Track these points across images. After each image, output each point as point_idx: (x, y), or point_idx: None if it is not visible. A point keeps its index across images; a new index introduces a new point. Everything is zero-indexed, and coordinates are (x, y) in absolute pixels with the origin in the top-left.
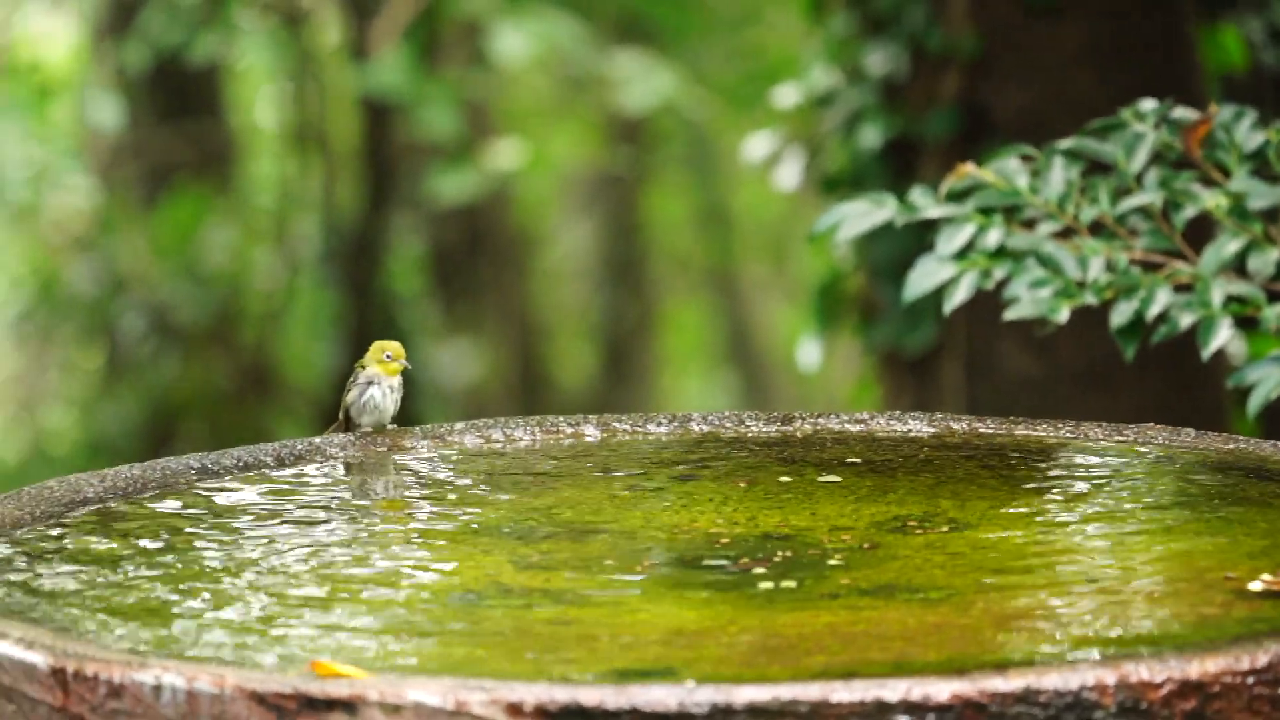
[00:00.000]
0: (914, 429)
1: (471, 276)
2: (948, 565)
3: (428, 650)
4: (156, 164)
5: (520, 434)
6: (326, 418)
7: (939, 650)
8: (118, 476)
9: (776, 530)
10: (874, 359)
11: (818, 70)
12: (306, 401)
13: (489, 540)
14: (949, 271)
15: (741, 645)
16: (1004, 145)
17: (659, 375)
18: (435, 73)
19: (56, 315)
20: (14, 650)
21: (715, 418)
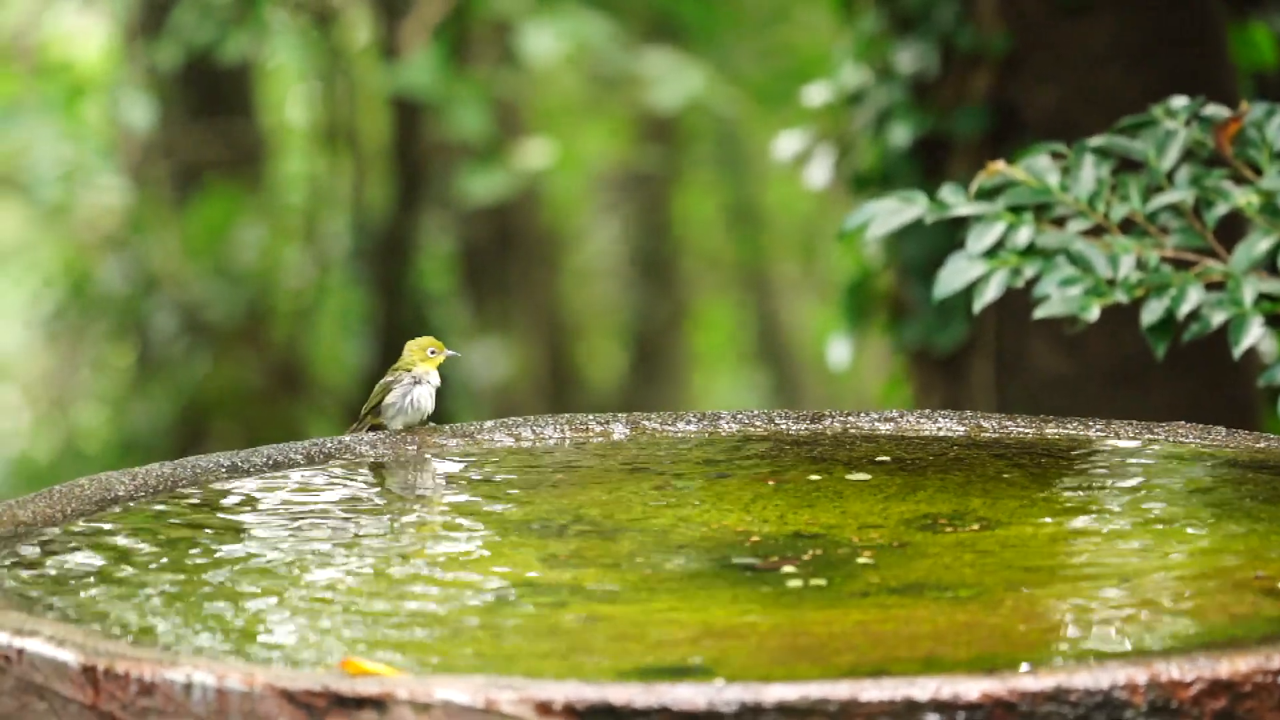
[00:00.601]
0: (944, 427)
1: (501, 275)
2: (977, 564)
3: (457, 648)
4: (187, 163)
5: (549, 432)
6: (355, 416)
7: (969, 649)
8: (149, 475)
9: (806, 528)
10: (904, 357)
11: (848, 68)
12: (336, 400)
13: (518, 538)
14: (979, 269)
15: (770, 644)
16: (1034, 143)
17: (689, 373)
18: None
19: (88, 314)
20: (45, 648)
21: (745, 416)
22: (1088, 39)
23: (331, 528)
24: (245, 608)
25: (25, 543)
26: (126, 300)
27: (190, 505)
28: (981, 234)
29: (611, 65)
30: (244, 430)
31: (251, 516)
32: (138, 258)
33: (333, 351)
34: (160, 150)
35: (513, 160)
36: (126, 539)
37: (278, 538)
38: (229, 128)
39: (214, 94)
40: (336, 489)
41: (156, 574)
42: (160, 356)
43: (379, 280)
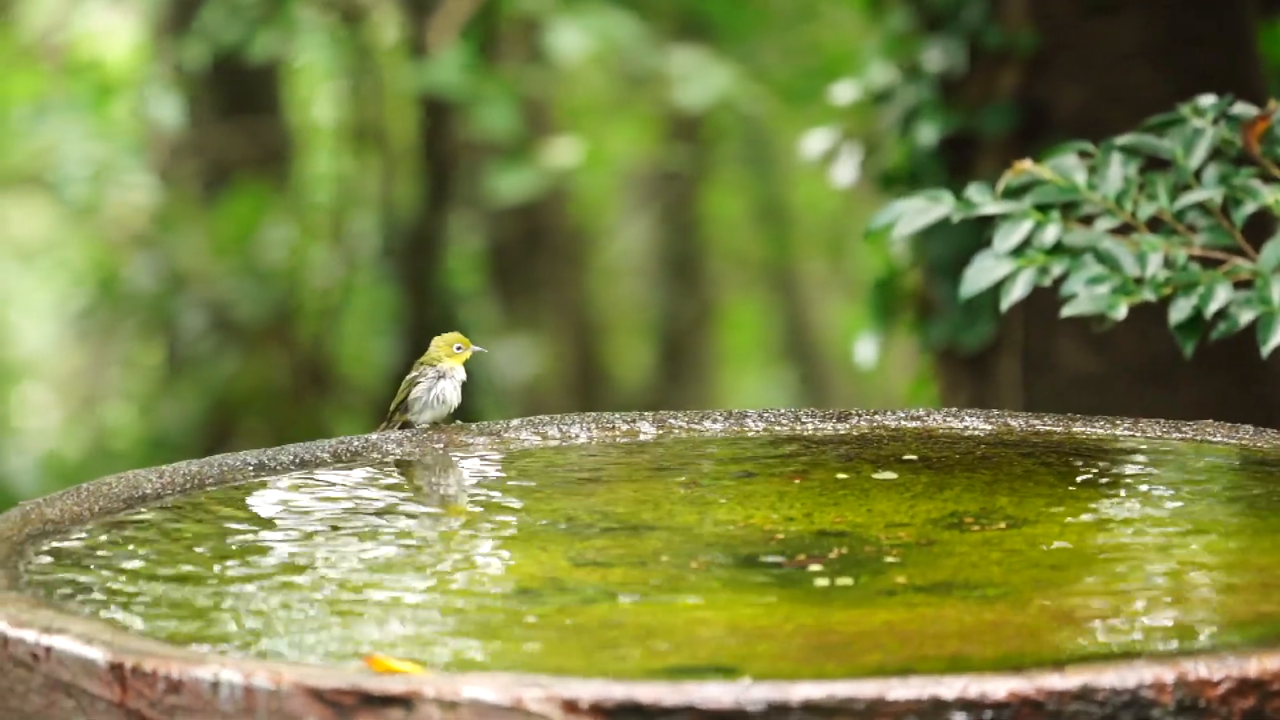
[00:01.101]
0: (971, 426)
1: (529, 273)
2: (1004, 562)
3: (484, 646)
4: (215, 162)
5: (576, 431)
6: (383, 415)
7: (996, 647)
8: (176, 473)
9: (832, 527)
10: (931, 356)
11: (875, 67)
12: (364, 399)
13: (545, 537)
14: (1006, 268)
15: (797, 642)
16: (1062, 141)
17: (716, 372)
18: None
19: (117, 312)
20: (73, 646)
21: (771, 415)
22: (1115, 37)
23: (358, 526)
24: (272, 606)
25: (53, 540)
26: (155, 299)
27: (217, 504)
28: (1008, 232)
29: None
30: (271, 429)
31: (278, 515)
32: (166, 256)
33: (360, 350)
34: (188, 149)
35: (541, 159)
36: (153, 537)
37: (304, 536)
38: (257, 126)
39: (242, 93)
40: (363, 487)
41: (183, 571)
42: (188, 355)
43: (407, 279)
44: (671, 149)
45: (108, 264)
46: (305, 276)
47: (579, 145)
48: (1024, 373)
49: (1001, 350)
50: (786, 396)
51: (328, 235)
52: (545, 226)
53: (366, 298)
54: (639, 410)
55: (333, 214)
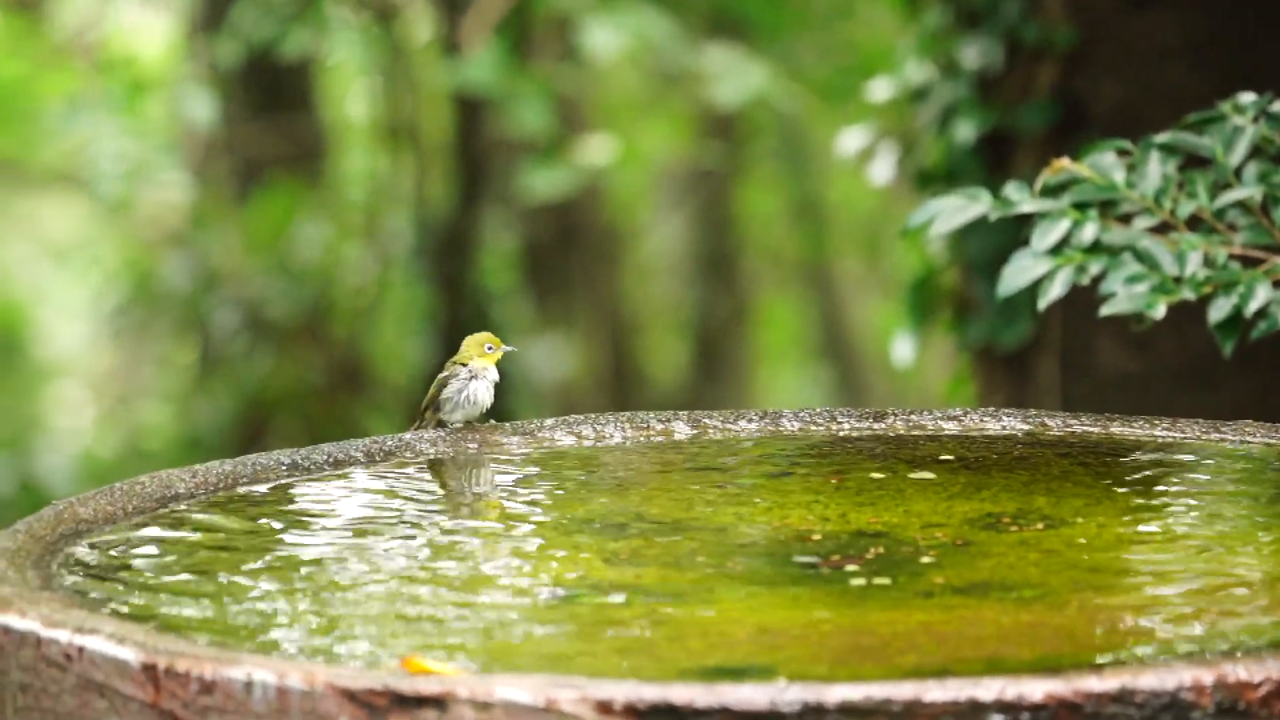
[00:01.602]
0: (1008, 426)
1: (563, 272)
2: (1042, 563)
3: (518, 647)
4: (249, 159)
5: (611, 430)
6: (417, 414)
7: (1033, 649)
8: (209, 472)
9: (869, 527)
10: (968, 355)
11: (912, 64)
12: (398, 398)
13: (579, 537)
14: (1044, 267)
15: (833, 643)
16: (1100, 139)
17: (751, 371)
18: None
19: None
20: (106, 646)
21: (807, 414)
22: (1154, 33)
23: (391, 526)
24: (304, 606)
25: (86, 540)
26: (188, 297)
27: (250, 503)
28: (1046, 231)
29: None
30: (305, 428)
31: (311, 515)
32: (200, 255)
33: (394, 349)
34: (222, 147)
35: (574, 156)
36: (186, 537)
37: (337, 536)
38: (290, 125)
39: (275, 90)
40: (396, 487)
41: (216, 572)
42: (222, 354)
43: (440, 277)
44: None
45: (141, 262)
46: (339, 275)
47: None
48: (1062, 372)
49: (1039, 350)
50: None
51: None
52: (579, 225)
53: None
54: (674, 410)
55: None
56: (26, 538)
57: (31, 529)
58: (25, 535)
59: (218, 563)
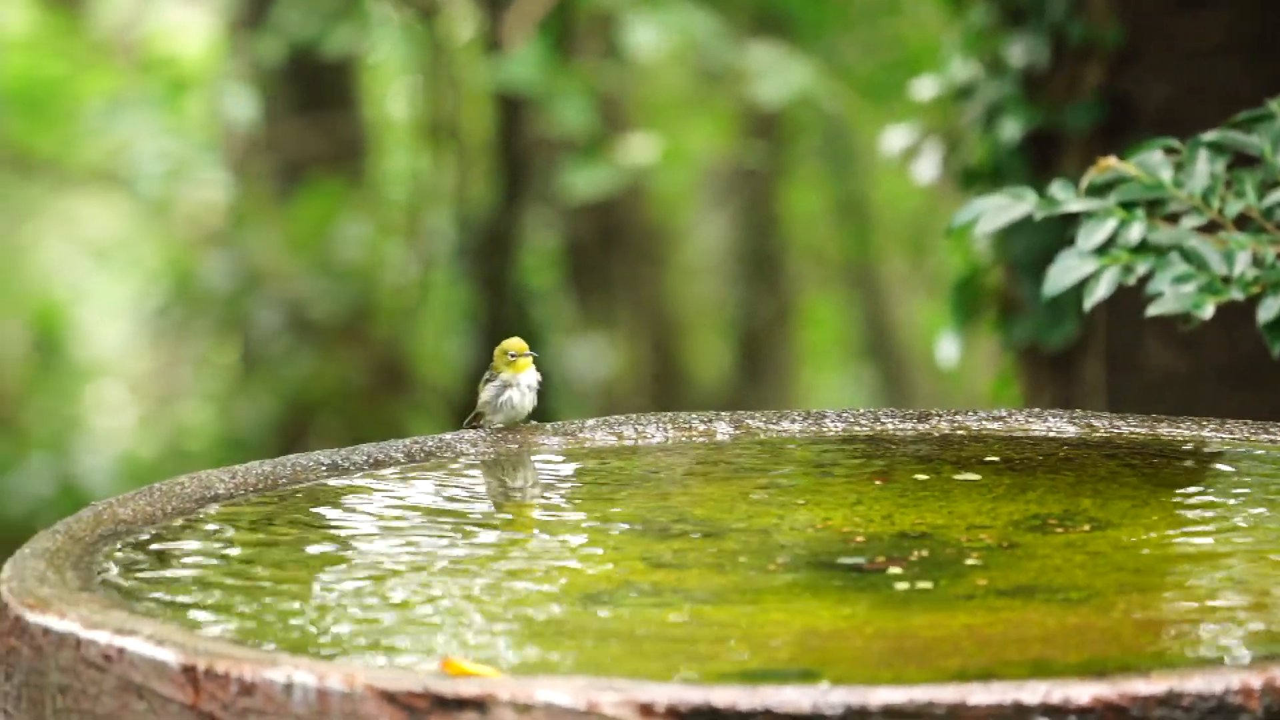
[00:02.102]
0: (1054, 427)
1: (605, 271)
2: (1088, 565)
3: (559, 649)
4: (290, 158)
5: (652, 431)
6: (459, 414)
7: (1079, 652)
8: (248, 473)
9: (912, 529)
10: (1014, 355)
11: (957, 62)
12: (439, 397)
13: (620, 538)
14: (1090, 267)
15: (876, 646)
16: (1147, 137)
17: (795, 371)
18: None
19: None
20: (144, 647)
21: (850, 415)
22: (1203, 31)
23: (431, 527)
24: (344, 607)
25: (125, 541)
26: (229, 297)
27: (290, 504)
28: (1092, 231)
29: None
30: (346, 428)
31: (351, 515)
32: (241, 254)
33: (435, 349)
34: (263, 145)
35: (617, 155)
36: (225, 537)
37: (376, 537)
38: (332, 123)
39: (316, 89)
40: (437, 488)
41: (255, 573)
42: (263, 354)
43: (482, 277)
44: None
45: (182, 262)
46: (380, 274)
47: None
48: (1108, 373)
49: (1085, 350)
50: (866, 396)
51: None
52: (621, 224)
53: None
54: (716, 410)
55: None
56: (66, 538)
57: (71, 530)
58: (65, 536)
59: (257, 564)
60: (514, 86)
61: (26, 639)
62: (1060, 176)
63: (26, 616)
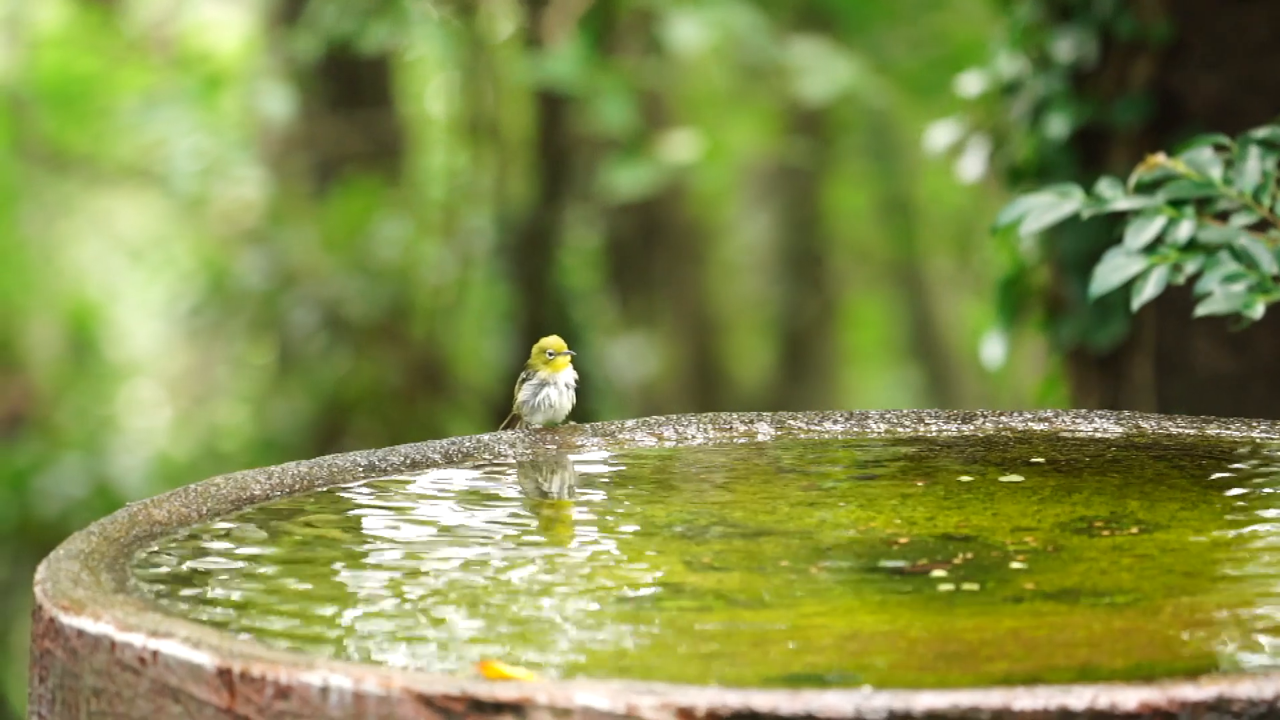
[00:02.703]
0: (1101, 428)
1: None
2: (1135, 568)
3: (597, 653)
4: (327, 155)
5: (693, 431)
6: (497, 414)
7: (1126, 656)
8: (284, 474)
9: (956, 531)
10: (1060, 355)
11: (1003, 57)
12: (477, 398)
13: (660, 540)
14: (1138, 266)
15: (920, 650)
16: (1197, 134)
17: (838, 372)
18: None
19: (227, 309)
20: (180, 650)
21: (894, 416)
22: (1253, 26)
23: (468, 529)
24: (381, 610)
25: (160, 542)
26: (265, 296)
27: (326, 505)
28: (1140, 229)
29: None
30: (384, 429)
31: (388, 517)
32: (276, 253)
33: (474, 349)
34: (299, 143)
35: (658, 153)
36: (261, 539)
37: (414, 539)
38: (369, 120)
39: (353, 85)
40: (474, 489)
41: (291, 575)
42: (299, 354)
43: (521, 276)
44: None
45: (217, 261)
46: (418, 273)
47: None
48: (1157, 373)
49: (1133, 350)
50: (911, 397)
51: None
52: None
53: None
54: (758, 411)
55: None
56: (100, 540)
57: (105, 531)
58: (99, 537)
59: (293, 565)
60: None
61: (61, 641)
62: (1108, 174)
63: (61, 619)
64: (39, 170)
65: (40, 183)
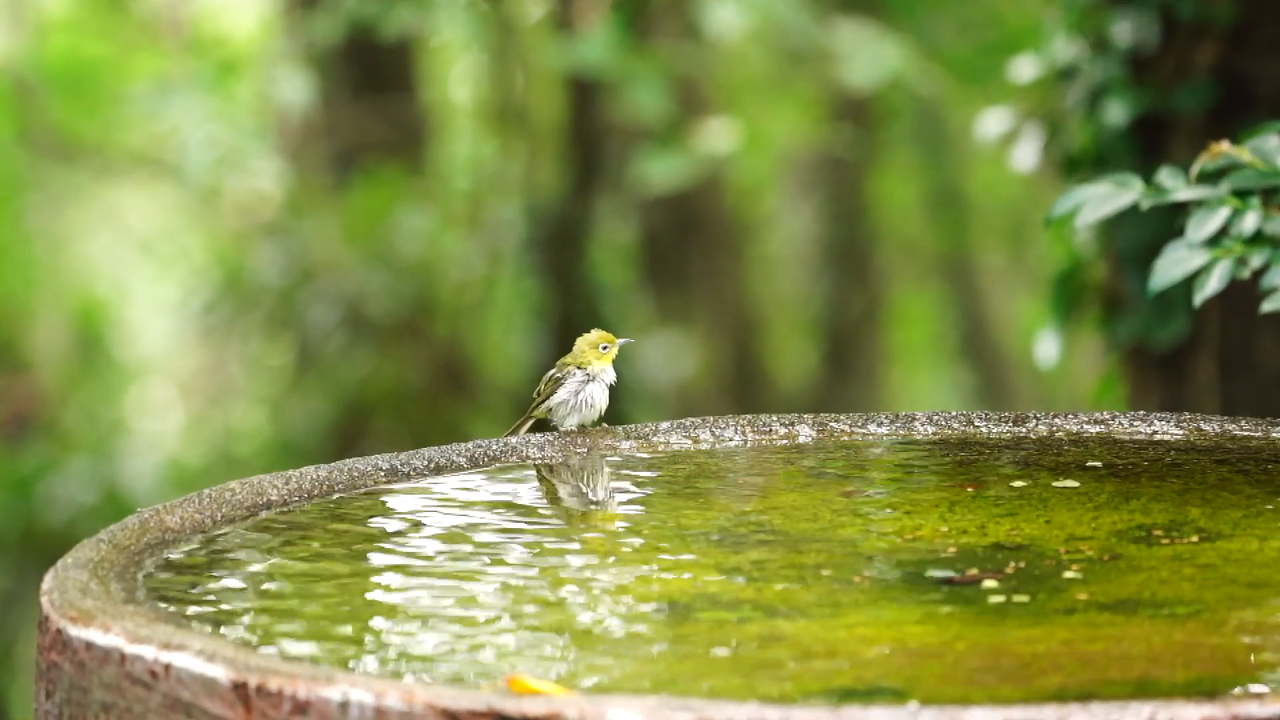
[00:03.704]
0: (1160, 430)
1: (683, 265)
2: (1197, 578)
3: (630, 666)
4: (347, 144)
5: (730, 434)
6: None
7: (1186, 671)
8: (303, 478)
9: (1008, 539)
10: (1118, 354)
11: (1059, 41)
12: (505, 399)
13: (696, 548)
14: (1200, 259)
15: (969, 663)
16: (1263, 120)
17: (884, 371)
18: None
19: (242, 306)
20: (194, 663)
21: (941, 418)
22: None
23: (495, 536)
24: (404, 621)
25: (173, 550)
26: (282, 292)
27: (346, 511)
28: (1203, 221)
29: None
30: (407, 431)
31: (410, 524)
32: (294, 247)
33: (501, 347)
34: (318, 131)
35: (694, 142)
36: (279, 547)
37: (438, 546)
38: (391, 107)
39: (375, 71)
40: (502, 494)
41: (310, 585)
42: (318, 353)
43: (551, 271)
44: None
45: (232, 255)
46: (443, 268)
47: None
48: (1220, 373)
49: (1195, 348)
50: (961, 398)
51: (467, 224)
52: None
53: (508, 291)
54: (799, 412)
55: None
56: (110, 548)
57: (115, 538)
58: (109, 545)
59: (312, 574)
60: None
61: (69, 654)
62: (1169, 163)
63: (69, 630)
64: (46, 160)
65: (47, 173)
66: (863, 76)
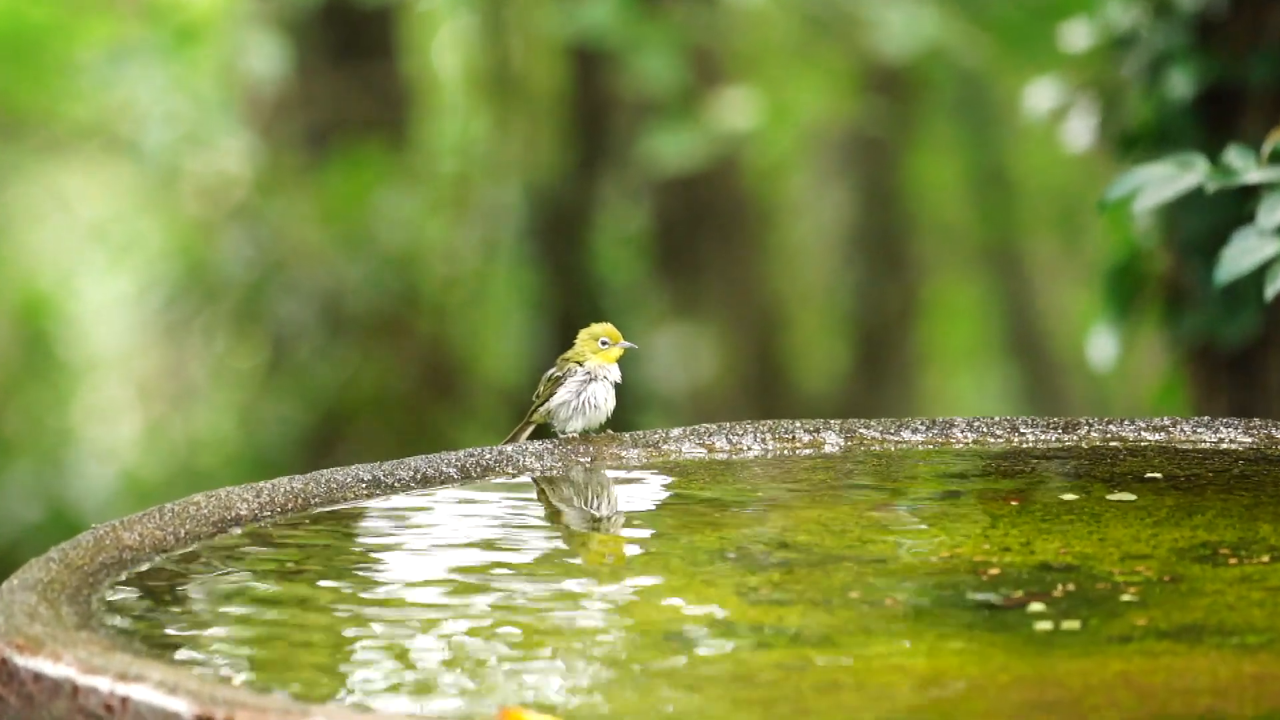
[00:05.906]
0: (1226, 438)
1: (697, 254)
2: (1267, 603)
3: (634, 699)
4: (323, 119)
5: (748, 442)
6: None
7: (1257, 706)
8: (275, 491)
9: (1057, 559)
10: (1181, 354)
11: (1116, 5)
12: (498, 404)
13: (710, 569)
14: (1272, 248)
15: (1013, 697)
16: None
17: (922, 372)
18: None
19: (206, 301)
20: (154, 696)
21: (982, 424)
22: None
23: (488, 555)
24: (389, 648)
25: (131, 571)
26: (251, 285)
27: (323, 527)
28: (1275, 206)
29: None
30: (390, 438)
31: (395, 542)
32: (265, 234)
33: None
34: (292, 104)
35: (710, 117)
36: (249, 567)
37: (426, 567)
38: (371, 78)
39: (353, 38)
40: (496, 509)
41: (282, 609)
42: (292, 352)
43: (551, 261)
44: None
45: (194, 243)
46: (430, 258)
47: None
48: None
49: (1267, 347)
50: (1009, 402)
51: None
52: (715, 198)
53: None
54: (825, 418)
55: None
56: (61, 567)
57: (67, 557)
58: (60, 564)
59: (284, 598)
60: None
61: (15, 686)
62: (1238, 141)
63: (15, 660)
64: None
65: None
66: (897, 44)
